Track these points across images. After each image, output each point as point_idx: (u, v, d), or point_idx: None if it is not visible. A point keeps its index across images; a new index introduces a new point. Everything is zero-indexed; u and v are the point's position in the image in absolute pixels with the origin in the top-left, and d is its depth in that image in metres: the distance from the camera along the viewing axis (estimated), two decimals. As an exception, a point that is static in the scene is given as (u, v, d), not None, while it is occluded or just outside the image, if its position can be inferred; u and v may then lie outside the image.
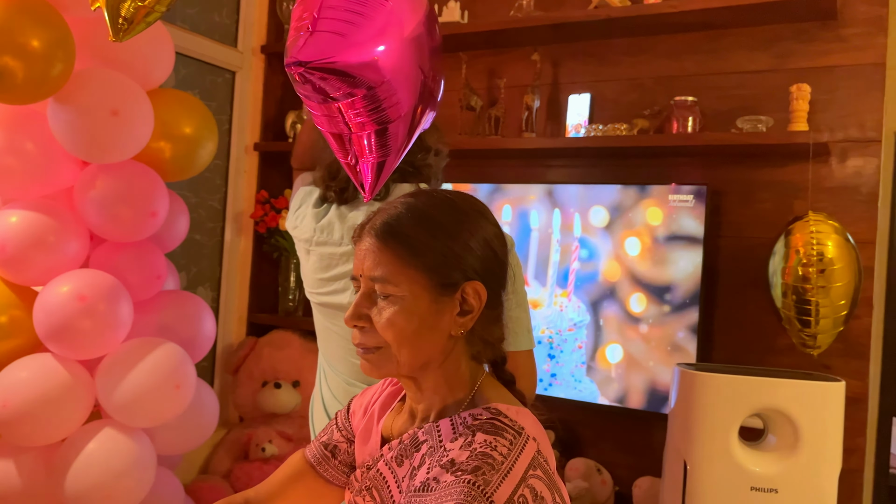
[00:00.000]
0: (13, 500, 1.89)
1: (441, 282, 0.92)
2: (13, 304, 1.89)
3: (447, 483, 0.82)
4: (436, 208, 0.97)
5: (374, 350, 0.94)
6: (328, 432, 1.14)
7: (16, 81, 1.66)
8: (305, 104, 1.12)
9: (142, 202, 1.96)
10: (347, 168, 1.18)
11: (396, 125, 1.10)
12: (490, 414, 0.90)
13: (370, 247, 0.95)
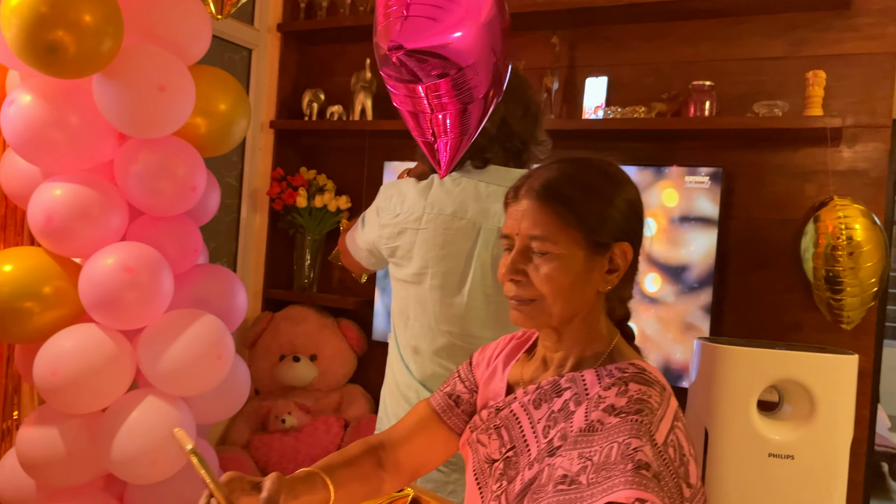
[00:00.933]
0: (58, 466, 1.94)
1: (596, 241, 1.01)
2: (57, 275, 1.93)
3: (613, 424, 0.91)
4: (590, 173, 1.05)
5: (529, 302, 1.03)
6: (451, 384, 1.24)
7: (68, 56, 1.68)
8: (388, 85, 1.17)
9: (182, 177, 1.99)
10: (424, 146, 1.25)
11: (475, 106, 1.17)
12: (636, 369, 1.00)
13: (529, 207, 1.03)
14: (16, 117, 1.83)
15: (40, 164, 1.94)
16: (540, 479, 0.95)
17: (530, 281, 1.02)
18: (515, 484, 1.00)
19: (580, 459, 0.90)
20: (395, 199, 1.67)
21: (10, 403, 2.23)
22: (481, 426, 1.12)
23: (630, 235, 1.04)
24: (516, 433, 1.06)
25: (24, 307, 1.88)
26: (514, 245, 1.04)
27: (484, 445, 1.10)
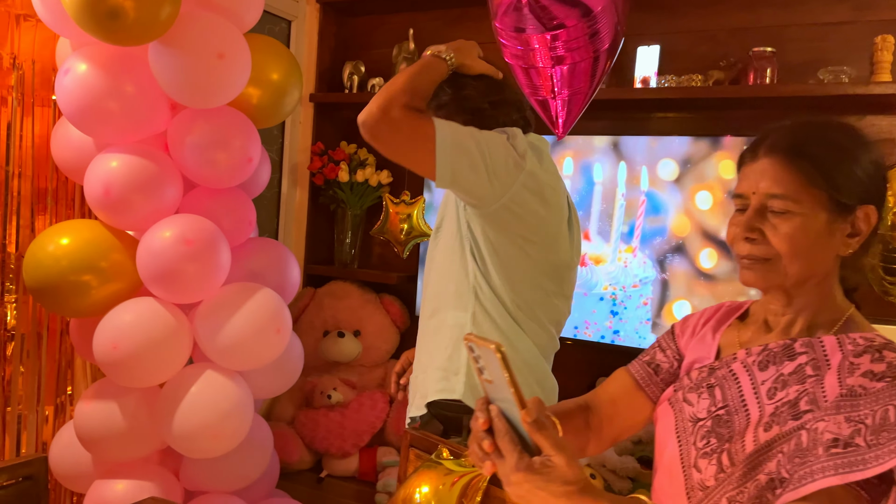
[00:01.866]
0: (117, 440, 1.93)
1: (840, 202, 0.98)
2: (114, 248, 1.90)
3: (880, 388, 0.89)
4: (836, 132, 1.01)
5: (764, 261, 1.00)
6: (650, 354, 1.24)
7: (127, 22, 1.64)
8: (502, 38, 1.12)
9: (238, 148, 1.95)
10: (536, 104, 1.20)
11: (595, 61, 1.12)
12: (884, 339, 0.97)
13: (770, 165, 1.00)
14: (72, 87, 1.79)
15: (95, 134, 1.90)
16: (793, 442, 0.92)
17: (767, 240, 0.99)
18: (743, 444, 0.98)
19: (849, 423, 0.88)
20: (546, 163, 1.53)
21: (63, 379, 2.22)
22: (689, 385, 1.10)
23: (875, 198, 1.00)
24: (733, 393, 1.03)
25: (83, 280, 1.86)
26: (748, 205, 1.01)
27: (691, 404, 1.09)
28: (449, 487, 1.41)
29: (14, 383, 2.08)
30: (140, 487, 1.95)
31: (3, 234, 2.02)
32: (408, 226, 2.84)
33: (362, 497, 2.67)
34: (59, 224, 1.93)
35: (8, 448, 2.07)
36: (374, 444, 2.80)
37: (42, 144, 2.08)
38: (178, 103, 1.96)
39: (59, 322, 2.19)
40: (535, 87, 1.15)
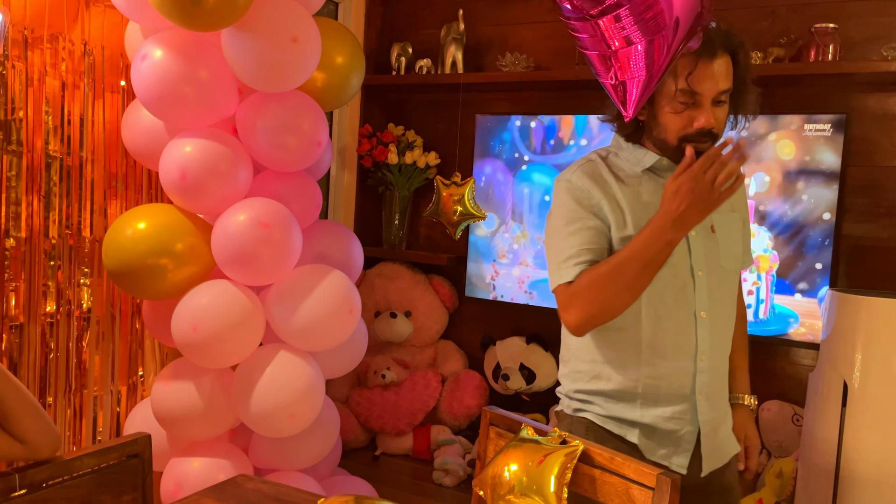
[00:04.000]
0: (193, 419, 1.97)
1: None
2: (189, 232, 1.93)
3: None
4: None
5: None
6: None
7: (207, 7, 1.66)
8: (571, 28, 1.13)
9: (307, 131, 1.97)
10: (610, 88, 1.20)
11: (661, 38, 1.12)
12: None
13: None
14: (147, 72, 1.82)
15: (169, 119, 1.93)
16: None
17: None
18: None
19: None
20: None
21: (135, 360, 2.27)
22: None
23: None
24: None
25: (160, 264, 1.89)
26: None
27: None
28: (537, 464, 1.43)
29: (90, 365, 2.13)
30: (215, 465, 2.00)
31: (78, 218, 2.06)
32: (461, 207, 2.85)
33: (418, 474, 2.71)
34: (136, 208, 1.96)
35: (85, 428, 2.13)
36: (428, 423, 2.84)
37: (112, 130, 2.11)
38: (245, 88, 1.98)
39: (130, 305, 2.23)
40: (607, 68, 1.16)
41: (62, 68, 1.97)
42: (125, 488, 1.36)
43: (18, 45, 1.86)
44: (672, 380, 1.47)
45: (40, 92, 1.93)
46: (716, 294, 1.49)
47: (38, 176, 1.94)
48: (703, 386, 1.48)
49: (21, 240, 1.92)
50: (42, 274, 1.98)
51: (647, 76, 1.18)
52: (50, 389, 2.02)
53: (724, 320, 1.52)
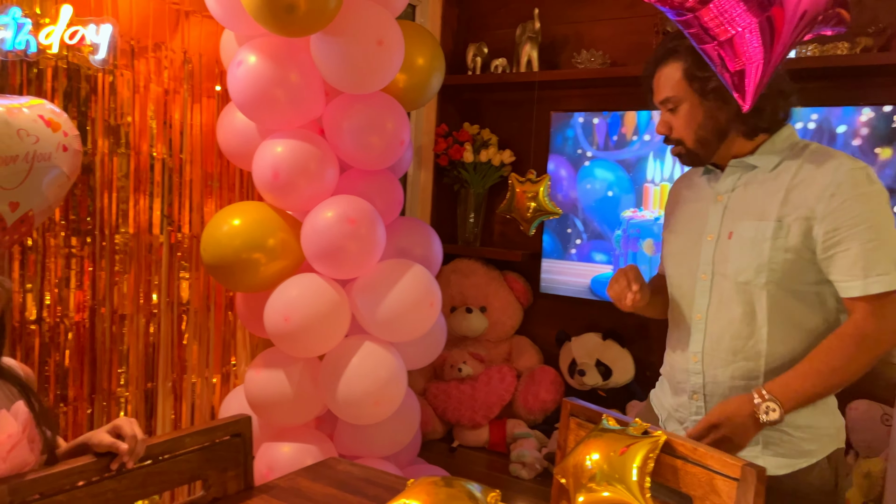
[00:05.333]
0: (284, 406, 2.08)
1: None
2: (280, 228, 2.04)
3: None
4: None
5: None
6: None
7: (301, 13, 1.75)
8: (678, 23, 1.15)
9: (391, 131, 2.05)
10: (728, 80, 1.21)
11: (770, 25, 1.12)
12: None
13: None
14: (243, 77, 1.93)
15: (261, 121, 2.03)
16: None
17: None
18: None
19: None
20: None
21: (227, 350, 2.40)
22: None
23: None
24: None
25: (253, 258, 2.00)
26: None
27: None
28: (619, 454, 1.45)
29: (188, 354, 2.27)
30: (304, 450, 2.10)
31: (178, 216, 2.20)
32: (535, 204, 2.88)
33: (494, 466, 2.76)
34: (231, 206, 2.09)
35: (185, 412, 2.27)
36: (503, 417, 2.89)
37: (208, 133, 2.24)
38: (331, 90, 2.07)
39: (223, 297, 2.36)
40: (722, 63, 1.17)
41: (164, 76, 2.11)
42: (229, 465, 1.46)
43: (126, 54, 2.00)
44: (675, 373, 1.58)
45: (145, 98, 2.07)
46: (718, 300, 1.49)
47: (143, 176, 2.08)
48: (696, 387, 1.53)
49: (129, 236, 2.06)
50: (146, 268, 2.12)
51: (763, 63, 1.17)
52: (154, 375, 2.17)
53: (728, 330, 1.48)
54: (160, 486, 1.36)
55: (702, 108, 1.44)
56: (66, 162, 1.67)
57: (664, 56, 1.47)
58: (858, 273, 1.36)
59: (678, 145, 1.50)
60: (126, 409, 2.09)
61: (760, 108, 1.38)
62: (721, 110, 1.43)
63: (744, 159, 1.48)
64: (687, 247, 1.56)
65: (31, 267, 1.85)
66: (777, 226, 1.41)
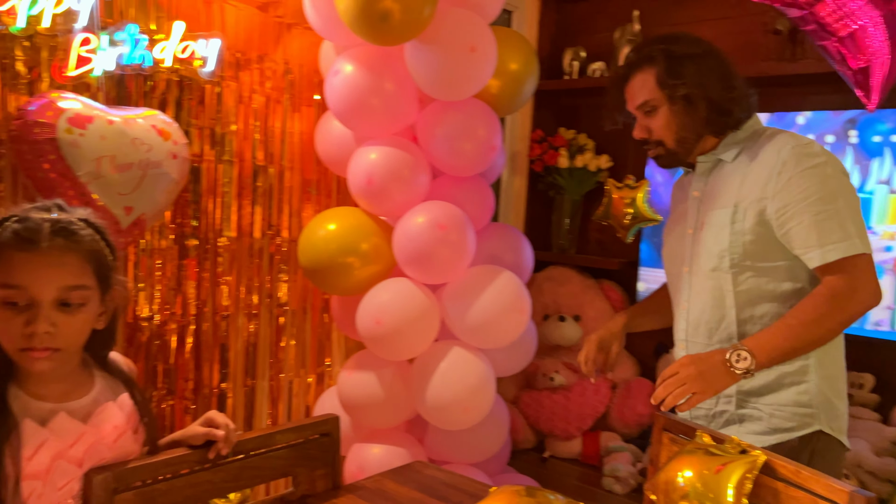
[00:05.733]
0: (374, 408, 2.12)
1: None
2: (373, 233, 2.08)
3: None
4: None
5: None
6: None
7: (394, 22, 1.78)
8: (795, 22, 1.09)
9: (483, 137, 2.05)
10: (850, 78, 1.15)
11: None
12: None
13: None
14: (339, 86, 1.98)
15: (357, 129, 2.09)
16: None
17: None
18: None
19: None
20: None
21: (322, 351, 2.47)
22: None
23: None
24: None
25: (347, 262, 2.05)
26: None
27: None
28: (714, 472, 1.39)
29: (286, 353, 2.35)
30: (394, 452, 2.12)
31: (278, 221, 2.29)
32: (633, 210, 2.80)
33: (587, 479, 2.70)
34: (327, 211, 2.15)
35: (281, 410, 2.35)
36: (597, 429, 2.82)
37: (307, 140, 2.32)
38: (424, 96, 2.10)
39: (319, 300, 2.43)
40: (843, 60, 1.09)
41: (267, 86, 2.20)
42: (318, 463, 1.50)
43: (232, 66, 2.10)
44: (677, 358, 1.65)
45: (249, 107, 2.16)
46: (695, 290, 1.59)
47: (246, 182, 2.18)
48: None
49: (232, 239, 2.16)
50: (248, 270, 2.22)
51: (890, 59, 1.10)
52: (254, 372, 2.26)
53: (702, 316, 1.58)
54: (252, 479, 1.41)
55: (679, 109, 1.52)
56: (176, 168, 1.77)
57: (638, 62, 1.56)
58: (814, 243, 1.41)
59: (657, 147, 1.58)
60: (227, 404, 2.19)
61: (729, 109, 1.50)
62: (696, 112, 1.51)
63: (710, 154, 1.57)
64: (676, 244, 1.67)
65: (144, 267, 1.97)
66: (734, 210, 1.50)
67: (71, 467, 1.10)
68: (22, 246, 1.04)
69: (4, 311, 1.04)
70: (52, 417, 1.08)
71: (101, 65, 1.78)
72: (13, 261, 1.03)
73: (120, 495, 1.19)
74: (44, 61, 1.72)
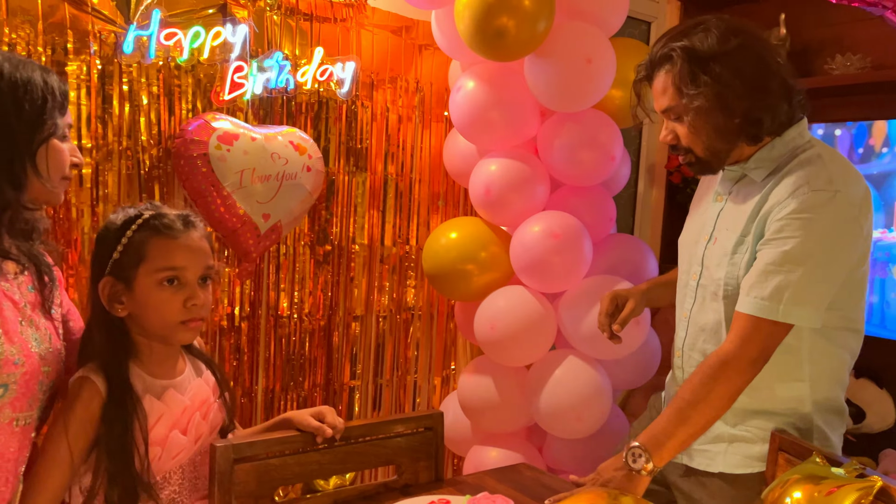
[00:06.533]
0: (491, 412, 2.18)
1: None
2: (492, 242, 2.16)
3: None
4: None
5: None
6: None
7: (509, 39, 1.85)
8: None
9: (602, 147, 2.06)
10: None
11: None
12: None
13: None
14: (462, 102, 2.08)
15: (479, 142, 2.18)
16: None
17: None
18: None
19: None
20: None
21: (448, 355, 2.58)
22: None
23: None
24: None
25: (467, 269, 2.14)
26: None
27: None
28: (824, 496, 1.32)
29: (412, 356, 2.48)
30: (510, 457, 2.16)
31: (407, 230, 2.43)
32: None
33: None
34: (448, 221, 2.26)
35: (407, 409, 2.48)
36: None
37: (436, 154, 2.45)
38: (547, 109, 2.14)
39: (445, 306, 2.54)
40: None
41: (399, 104, 2.36)
42: (421, 455, 1.59)
43: (366, 86, 2.28)
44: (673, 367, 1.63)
45: (381, 125, 2.33)
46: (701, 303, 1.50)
47: (377, 194, 2.34)
48: (679, 380, 1.56)
49: (364, 246, 2.33)
50: (378, 275, 2.37)
51: None
52: (382, 371, 2.41)
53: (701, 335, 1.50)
54: (358, 465, 1.52)
55: (704, 118, 1.37)
56: (310, 181, 1.96)
57: (659, 61, 1.39)
58: (746, 287, 1.35)
59: (687, 154, 1.43)
60: (355, 399, 2.35)
61: (758, 118, 1.34)
62: (723, 120, 1.35)
63: (737, 166, 1.44)
64: (691, 242, 1.58)
65: (284, 270, 2.18)
66: (739, 240, 1.40)
67: (181, 438, 1.26)
68: (171, 235, 1.22)
69: (164, 291, 1.21)
70: (164, 392, 1.24)
71: (251, 89, 2.01)
72: (169, 247, 1.21)
73: (239, 465, 1.35)
74: (203, 87, 1.97)
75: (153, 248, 1.21)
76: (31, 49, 1.72)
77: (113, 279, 1.21)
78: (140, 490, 1.18)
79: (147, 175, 1.89)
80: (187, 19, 1.90)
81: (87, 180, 1.81)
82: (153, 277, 1.20)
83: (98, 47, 1.81)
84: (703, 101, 1.33)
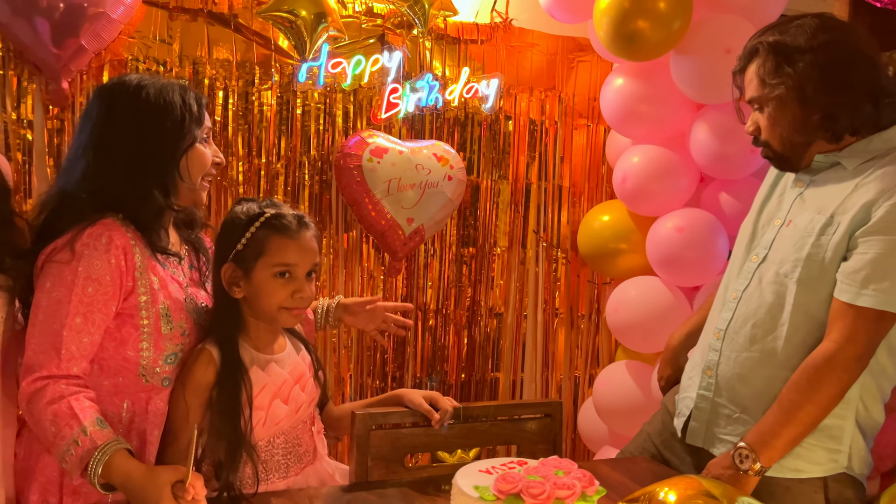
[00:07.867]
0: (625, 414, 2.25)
1: None
2: (633, 230, 2.27)
3: None
4: None
5: None
6: None
7: (643, 40, 1.93)
8: None
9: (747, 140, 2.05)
10: None
11: None
12: None
13: None
14: (611, 97, 2.22)
15: (631, 135, 2.28)
16: None
17: None
18: None
19: None
20: None
21: (591, 356, 2.66)
22: None
23: None
24: None
25: (618, 248, 2.30)
26: None
27: None
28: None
29: (554, 353, 2.61)
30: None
31: (549, 232, 2.57)
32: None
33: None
34: (598, 206, 2.46)
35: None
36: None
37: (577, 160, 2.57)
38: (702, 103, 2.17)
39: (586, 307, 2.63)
40: None
41: (541, 114, 2.51)
42: (539, 439, 1.70)
43: (509, 99, 2.45)
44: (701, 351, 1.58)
45: (523, 134, 2.49)
46: (756, 285, 1.44)
47: (518, 198, 2.51)
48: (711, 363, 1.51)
49: (504, 248, 2.50)
50: (519, 275, 2.53)
51: None
52: (524, 366, 2.55)
53: (753, 317, 1.43)
54: (479, 442, 1.66)
55: (782, 111, 1.38)
56: (451, 189, 2.17)
57: (750, 53, 1.39)
58: (858, 280, 1.28)
59: (765, 147, 1.41)
60: (498, 391, 2.52)
61: (836, 116, 1.33)
62: (801, 115, 1.36)
63: (831, 154, 1.39)
64: (759, 224, 1.52)
65: (433, 269, 2.40)
66: (827, 221, 1.35)
67: (283, 406, 1.42)
68: (288, 234, 1.38)
69: (275, 281, 1.38)
70: (268, 365, 1.41)
71: (405, 108, 2.26)
72: (285, 245, 1.37)
73: (374, 432, 1.55)
74: (363, 107, 2.26)
75: (272, 245, 1.35)
76: (227, 83, 2.11)
77: (234, 266, 1.36)
78: (242, 448, 1.32)
79: (312, 181, 2.20)
80: (350, 49, 2.20)
81: (264, 182, 2.16)
82: (269, 270, 1.35)
83: (279, 77, 2.15)
84: (782, 90, 1.35)
